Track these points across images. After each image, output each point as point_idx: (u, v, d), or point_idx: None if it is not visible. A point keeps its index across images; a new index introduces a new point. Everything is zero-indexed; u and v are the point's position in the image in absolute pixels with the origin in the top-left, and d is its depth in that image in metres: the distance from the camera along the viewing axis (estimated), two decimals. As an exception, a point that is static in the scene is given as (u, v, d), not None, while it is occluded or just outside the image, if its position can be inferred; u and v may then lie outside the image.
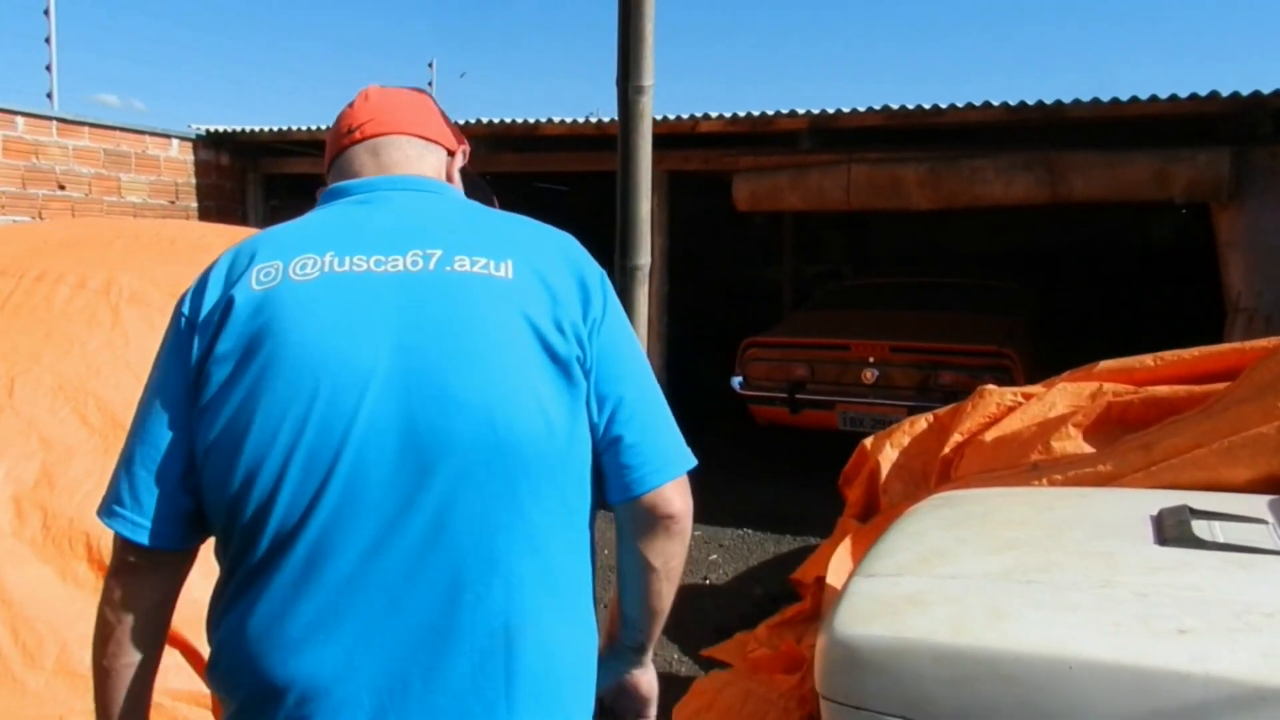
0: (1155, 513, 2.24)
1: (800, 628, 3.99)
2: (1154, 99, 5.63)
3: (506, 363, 1.08)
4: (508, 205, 1.32)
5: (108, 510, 1.11)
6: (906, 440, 3.96)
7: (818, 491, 6.56)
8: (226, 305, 1.09)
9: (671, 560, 1.19)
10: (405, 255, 1.12)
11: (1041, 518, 2.31)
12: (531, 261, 1.14)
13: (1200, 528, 2.03)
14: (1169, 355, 3.56)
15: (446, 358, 1.07)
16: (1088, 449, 3.27)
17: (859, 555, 3.27)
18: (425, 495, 1.05)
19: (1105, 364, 3.74)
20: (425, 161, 1.28)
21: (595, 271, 1.19)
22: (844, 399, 6.50)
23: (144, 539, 1.09)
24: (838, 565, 3.27)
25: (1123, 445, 3.02)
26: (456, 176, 1.33)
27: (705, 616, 4.39)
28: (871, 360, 6.42)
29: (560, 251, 1.18)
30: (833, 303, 7.77)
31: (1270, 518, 2.18)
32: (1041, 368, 6.36)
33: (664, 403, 1.19)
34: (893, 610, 1.79)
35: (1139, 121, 5.91)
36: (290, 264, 1.11)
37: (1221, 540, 1.96)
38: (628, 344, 1.18)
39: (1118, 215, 9.76)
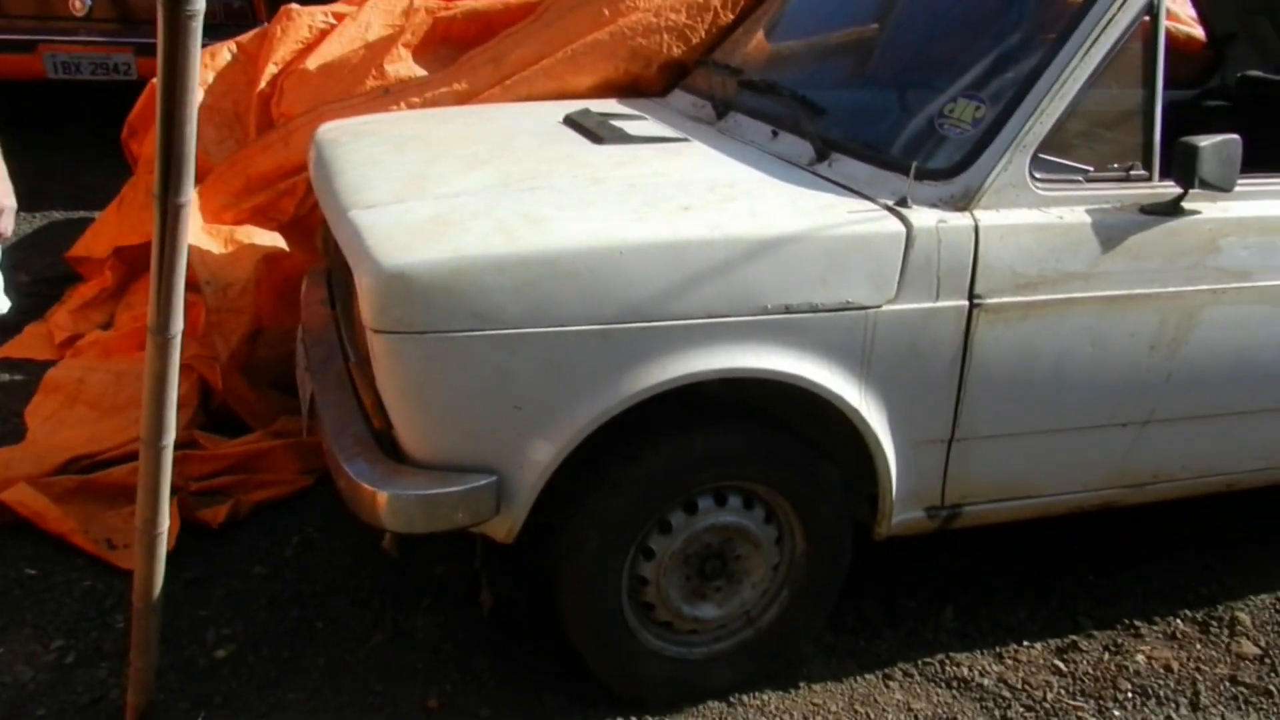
0: (561, 119, 2.42)
1: (109, 305, 3.50)
2: None
3: None
4: None
5: None
6: (211, 76, 3.46)
7: (40, 156, 5.44)
8: None
9: None
10: None
11: (473, 133, 2.32)
12: None
13: (622, 126, 2.27)
14: (467, -32, 3.65)
15: None
16: (420, 70, 3.27)
17: (216, 210, 2.92)
18: None
19: (407, -21, 3.68)
20: None
21: None
22: (49, 37, 5.28)
23: None
24: (194, 226, 2.84)
25: (470, 62, 3.10)
26: None
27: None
28: (77, -17, 5.25)
29: None
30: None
31: (642, 113, 2.52)
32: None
33: None
34: (430, 234, 1.68)
35: None
36: None
37: (646, 135, 2.22)
38: None
39: None
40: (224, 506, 2.37)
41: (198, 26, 1.11)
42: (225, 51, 3.52)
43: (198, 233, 2.85)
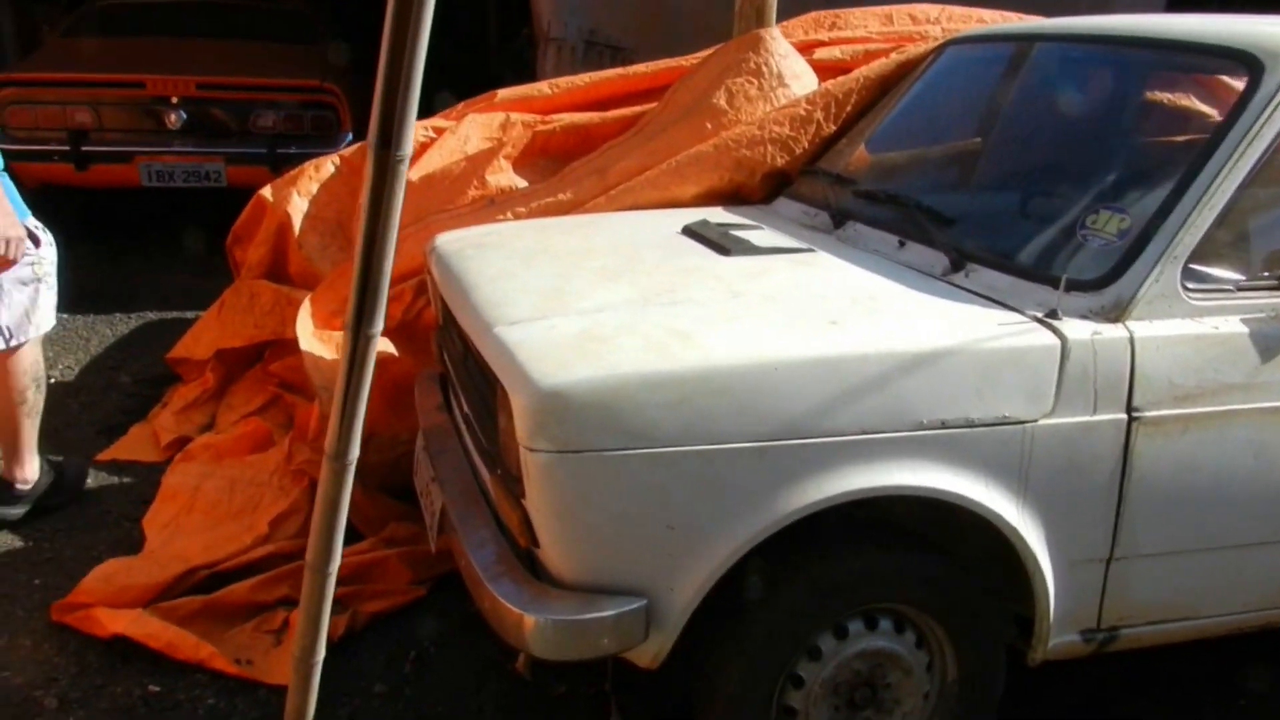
0: (679, 230, 2.43)
1: (210, 405, 3.54)
2: None
3: None
4: None
5: None
6: (315, 187, 3.57)
7: (132, 259, 5.63)
8: None
9: None
10: None
11: (596, 245, 2.33)
12: None
13: (744, 237, 2.27)
14: (562, 83, 3.76)
15: None
16: (520, 181, 3.35)
17: (326, 316, 2.96)
18: None
19: (504, 93, 3.80)
20: None
21: None
22: (144, 149, 5.51)
23: None
24: (304, 329, 2.89)
25: (574, 173, 3.16)
26: None
27: (75, 418, 3.59)
28: (174, 100, 5.49)
29: None
30: (95, 27, 6.35)
31: (756, 222, 2.53)
32: (366, 104, 6.18)
33: None
34: (581, 351, 1.67)
35: None
36: None
37: (771, 246, 2.22)
38: None
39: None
40: (342, 619, 2.33)
41: (405, 170, 1.12)
42: (329, 164, 3.64)
43: (309, 338, 2.89)
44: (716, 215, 2.59)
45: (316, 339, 2.88)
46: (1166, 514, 1.86)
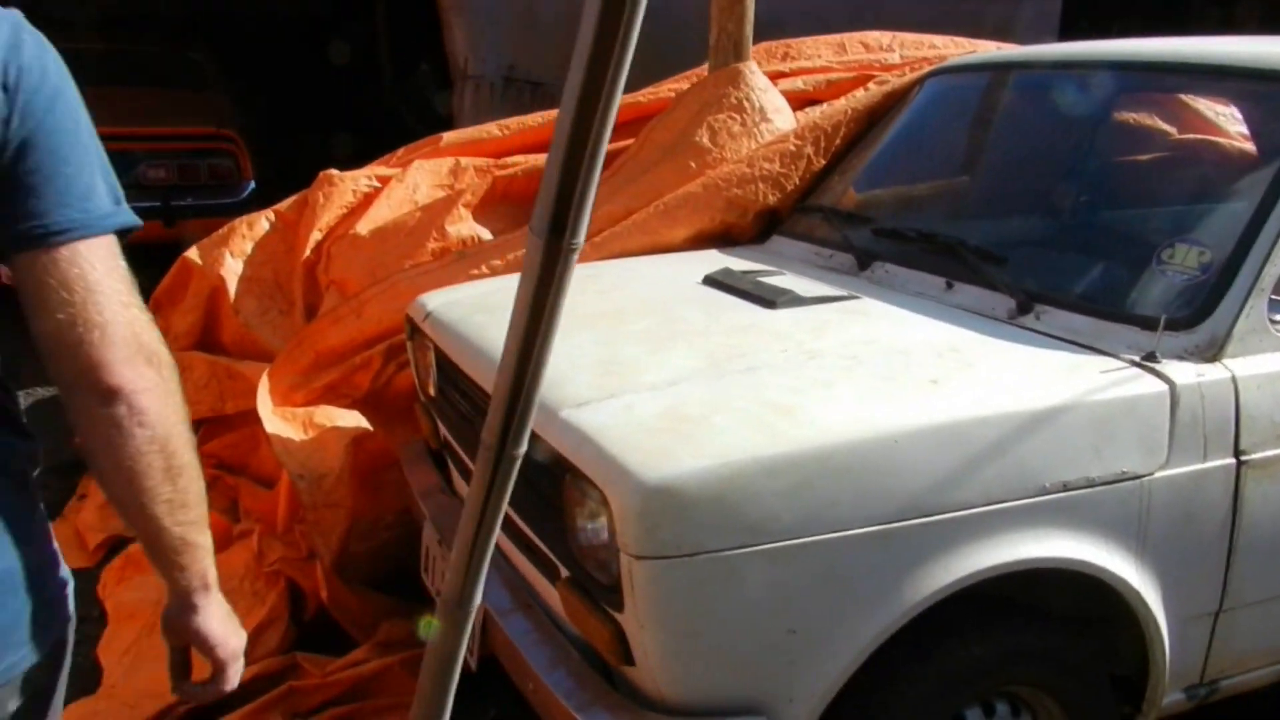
0: (699, 280, 2.24)
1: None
2: None
3: None
4: None
5: None
6: (250, 246, 3.23)
7: (12, 327, 5.04)
8: None
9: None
10: None
11: (618, 303, 2.12)
12: None
13: (778, 284, 2.10)
14: (512, 123, 3.53)
15: None
16: (483, 230, 3.10)
17: (285, 391, 2.65)
18: None
19: (449, 136, 3.54)
20: None
21: None
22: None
23: None
24: (265, 408, 2.56)
25: (549, 219, 2.92)
26: None
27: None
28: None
29: None
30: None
31: (770, 265, 2.36)
32: (268, 150, 5.78)
33: None
34: (676, 435, 1.46)
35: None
36: None
37: (815, 295, 2.05)
38: None
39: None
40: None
41: (575, 260, 0.90)
42: (263, 220, 3.31)
43: (270, 417, 2.56)
44: (730, 261, 2.41)
45: (280, 418, 2.56)
46: (1272, 559, 1.77)
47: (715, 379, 1.65)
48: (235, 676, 1.08)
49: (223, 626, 1.06)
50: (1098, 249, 2.06)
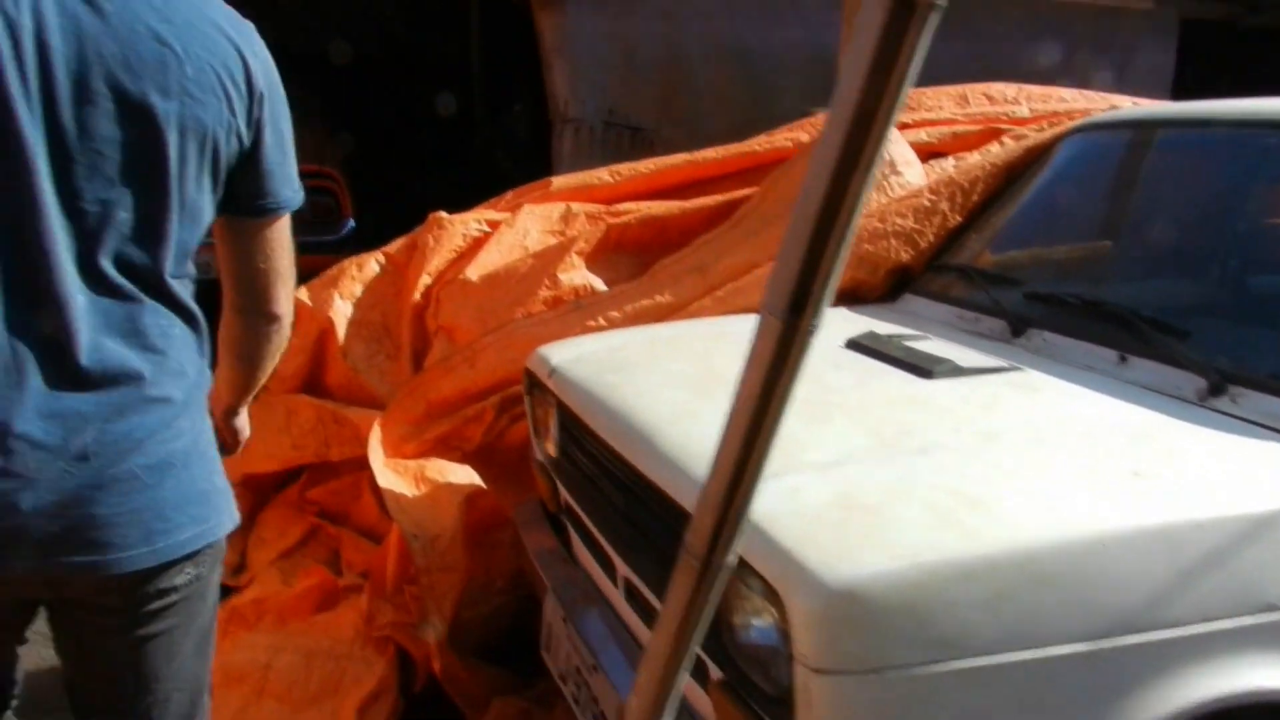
0: (842, 344, 2.11)
1: (237, 540, 3.10)
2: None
3: None
4: None
5: None
6: (359, 289, 3.18)
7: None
8: None
9: None
10: None
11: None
12: None
13: (931, 352, 1.95)
14: (624, 169, 3.45)
15: None
16: (596, 279, 3.01)
17: (395, 442, 2.57)
18: None
19: (559, 181, 3.48)
20: None
21: None
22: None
23: None
24: (378, 463, 2.48)
25: (668, 272, 2.83)
26: None
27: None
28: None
29: None
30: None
31: (910, 328, 2.21)
32: (367, 191, 5.83)
33: None
34: (855, 527, 1.32)
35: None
36: None
37: (976, 366, 1.89)
38: None
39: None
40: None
41: (813, 343, 0.79)
42: (372, 262, 3.26)
43: (383, 470, 2.48)
44: (867, 322, 2.26)
45: (392, 471, 2.47)
46: None
47: (886, 460, 1.51)
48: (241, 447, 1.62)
49: (246, 424, 1.61)
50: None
